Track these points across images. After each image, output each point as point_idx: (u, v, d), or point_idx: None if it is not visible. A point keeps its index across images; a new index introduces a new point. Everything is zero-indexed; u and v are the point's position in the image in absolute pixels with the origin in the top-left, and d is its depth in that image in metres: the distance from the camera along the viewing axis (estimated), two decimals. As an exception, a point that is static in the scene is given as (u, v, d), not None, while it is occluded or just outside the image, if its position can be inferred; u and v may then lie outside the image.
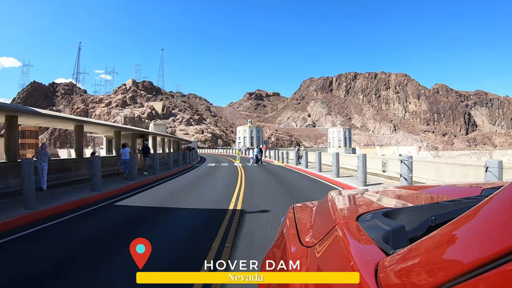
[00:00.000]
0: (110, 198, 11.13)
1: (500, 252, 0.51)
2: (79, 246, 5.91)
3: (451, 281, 0.56)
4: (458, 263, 0.58)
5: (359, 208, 1.59)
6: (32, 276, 4.42)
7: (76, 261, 5.07)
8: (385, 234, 0.99)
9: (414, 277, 0.67)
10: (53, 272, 4.63)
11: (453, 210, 1.02)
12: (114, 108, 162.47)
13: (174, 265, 4.70)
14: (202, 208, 9.15)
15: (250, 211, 8.32)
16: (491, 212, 0.65)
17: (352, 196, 2.01)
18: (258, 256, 3.22)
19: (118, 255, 5.10)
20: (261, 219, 7.37)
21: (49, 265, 4.92)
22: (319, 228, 1.41)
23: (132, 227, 7.33)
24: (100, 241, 6.17)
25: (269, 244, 1.78)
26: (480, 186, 1.76)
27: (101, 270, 4.62)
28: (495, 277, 0.50)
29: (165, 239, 6.02)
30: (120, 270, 4.45)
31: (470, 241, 0.63)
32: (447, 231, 0.72)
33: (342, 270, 0.90)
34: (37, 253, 5.54)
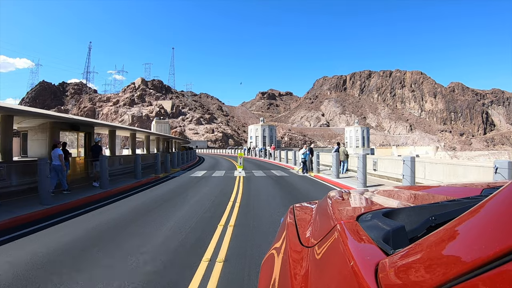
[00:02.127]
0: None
1: (500, 252, 0.51)
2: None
3: (451, 281, 0.56)
4: (458, 263, 0.58)
5: (359, 208, 1.59)
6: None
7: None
8: (385, 234, 1.00)
9: (414, 277, 0.67)
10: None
11: (453, 210, 1.02)
12: (121, 107, 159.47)
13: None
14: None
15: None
16: (491, 212, 0.66)
17: (352, 196, 2.05)
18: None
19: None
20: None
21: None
22: (319, 228, 1.42)
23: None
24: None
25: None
26: (480, 186, 1.75)
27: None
28: (495, 277, 0.50)
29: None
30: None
31: (470, 241, 0.63)
32: (447, 231, 0.72)
33: (342, 270, 0.91)
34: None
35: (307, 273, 1.09)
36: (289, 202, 10.53)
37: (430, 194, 1.82)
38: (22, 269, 4.89)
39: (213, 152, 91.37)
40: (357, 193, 2.13)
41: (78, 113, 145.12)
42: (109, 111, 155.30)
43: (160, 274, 4.65)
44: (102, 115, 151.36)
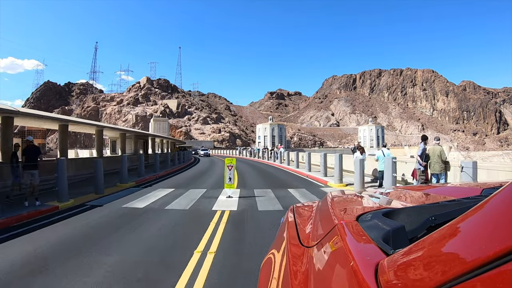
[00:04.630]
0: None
1: (500, 252, 0.51)
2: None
3: (451, 281, 0.57)
4: (458, 263, 0.59)
5: (359, 208, 1.58)
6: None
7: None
8: (385, 234, 1.01)
9: (414, 277, 0.67)
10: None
11: (453, 210, 1.03)
12: (125, 106, 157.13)
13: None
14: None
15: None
16: (491, 212, 0.66)
17: (352, 196, 2.04)
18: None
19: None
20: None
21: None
22: (319, 228, 1.42)
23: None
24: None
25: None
26: (480, 186, 1.74)
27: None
28: (495, 277, 0.50)
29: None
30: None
31: (470, 241, 0.63)
32: (447, 231, 0.72)
33: (342, 270, 0.92)
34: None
35: (307, 273, 1.10)
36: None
37: (430, 194, 1.79)
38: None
39: (218, 153, 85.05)
40: (357, 193, 2.12)
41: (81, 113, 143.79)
42: (112, 110, 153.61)
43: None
44: (105, 115, 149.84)
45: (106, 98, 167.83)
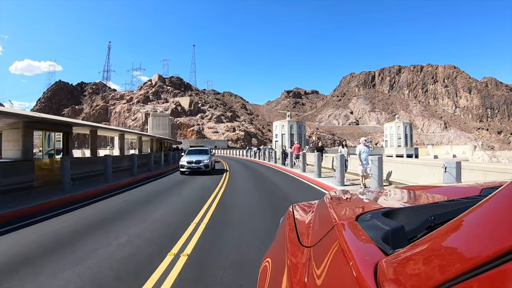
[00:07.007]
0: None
1: (499, 252, 0.52)
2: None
3: (450, 281, 0.57)
4: (457, 263, 0.59)
5: (358, 208, 1.58)
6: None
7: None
8: (384, 234, 1.01)
9: (413, 276, 0.68)
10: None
11: (452, 210, 1.03)
12: (135, 104, 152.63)
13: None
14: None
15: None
16: (490, 211, 0.66)
17: (352, 196, 2.04)
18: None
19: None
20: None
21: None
22: (318, 228, 1.43)
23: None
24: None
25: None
26: (480, 186, 1.74)
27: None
28: (495, 276, 0.50)
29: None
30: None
31: (469, 241, 0.63)
32: (446, 231, 0.73)
33: (342, 270, 0.92)
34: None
35: (306, 273, 1.10)
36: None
37: (430, 194, 1.80)
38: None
39: (227, 153, 75.85)
40: (357, 193, 2.11)
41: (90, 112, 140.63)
42: (121, 109, 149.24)
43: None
44: (114, 114, 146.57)
45: (115, 96, 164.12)
